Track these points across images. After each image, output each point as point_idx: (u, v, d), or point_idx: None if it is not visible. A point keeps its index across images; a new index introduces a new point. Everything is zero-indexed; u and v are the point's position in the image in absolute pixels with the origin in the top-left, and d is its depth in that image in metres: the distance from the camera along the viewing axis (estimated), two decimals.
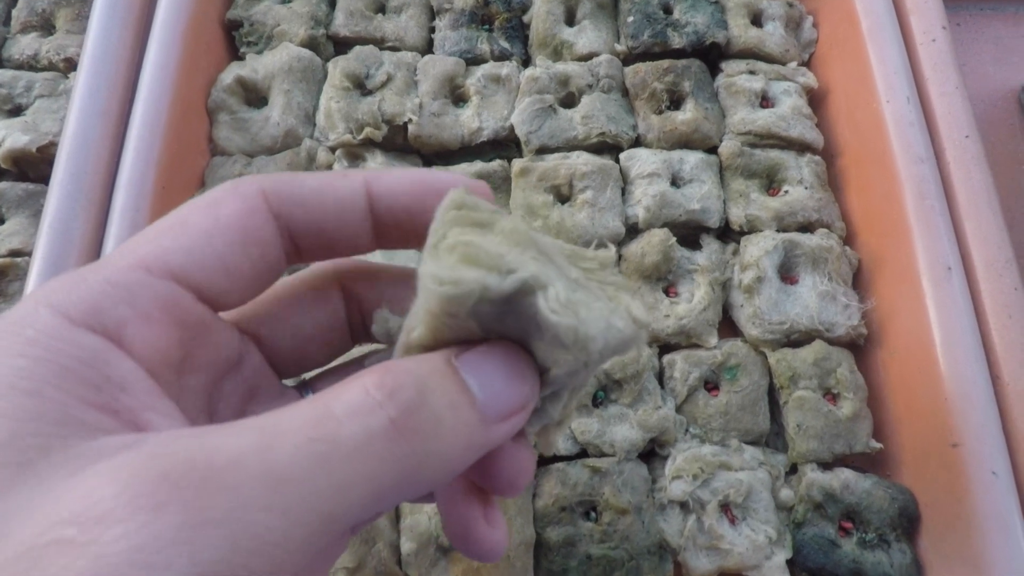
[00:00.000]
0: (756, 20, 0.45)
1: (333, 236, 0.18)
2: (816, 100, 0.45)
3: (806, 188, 0.41)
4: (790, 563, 0.33)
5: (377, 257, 0.32)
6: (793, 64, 0.45)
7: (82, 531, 0.11)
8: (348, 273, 0.21)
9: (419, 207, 0.18)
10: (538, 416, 0.17)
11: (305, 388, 0.21)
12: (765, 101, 0.43)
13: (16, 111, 0.41)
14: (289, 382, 0.21)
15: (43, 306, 0.14)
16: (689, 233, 0.40)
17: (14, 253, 0.37)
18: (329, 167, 0.40)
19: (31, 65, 0.42)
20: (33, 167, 0.39)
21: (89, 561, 0.10)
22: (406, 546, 0.32)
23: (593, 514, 0.34)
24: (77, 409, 0.13)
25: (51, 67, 0.42)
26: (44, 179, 0.39)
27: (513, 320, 0.16)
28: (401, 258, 0.37)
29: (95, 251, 0.35)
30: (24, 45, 0.43)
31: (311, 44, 0.42)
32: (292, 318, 0.20)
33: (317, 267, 0.21)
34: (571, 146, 0.41)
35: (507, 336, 0.16)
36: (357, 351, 0.22)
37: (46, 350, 0.13)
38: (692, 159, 0.41)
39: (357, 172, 0.18)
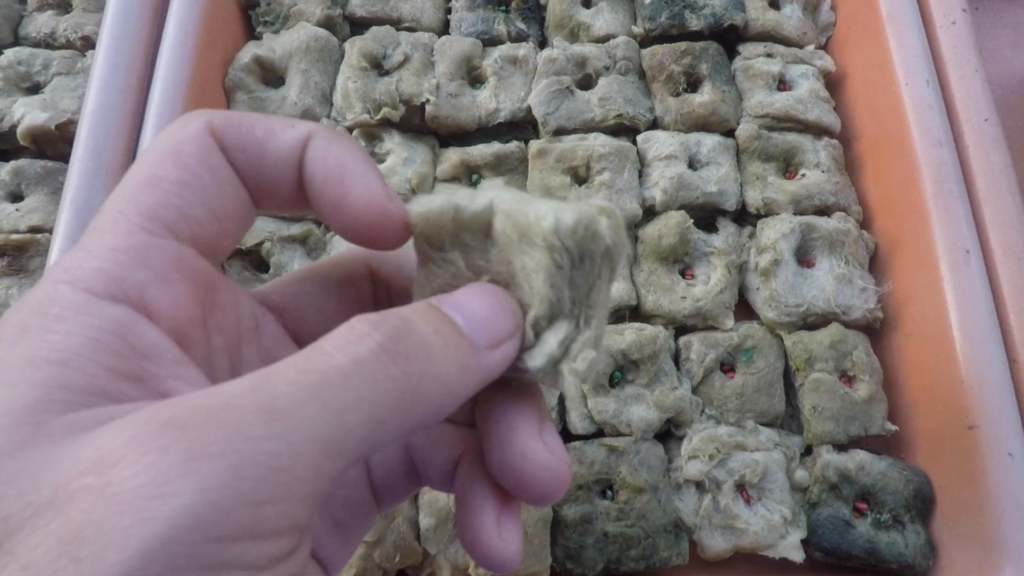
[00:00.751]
0: (774, 3, 0.45)
1: (270, 189, 0.17)
2: (833, 83, 0.45)
3: (823, 171, 0.41)
4: (805, 543, 0.34)
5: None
6: (811, 47, 0.44)
7: (98, 477, 0.12)
8: (380, 260, 0.21)
9: (338, 195, 0.17)
10: (540, 349, 0.17)
11: None
12: (782, 84, 0.43)
13: (34, 89, 0.41)
14: None
15: (62, 284, 0.14)
16: (706, 216, 0.40)
17: (34, 229, 0.37)
18: None
19: (48, 43, 0.42)
20: (51, 145, 0.40)
21: (107, 499, 0.11)
22: (425, 521, 0.32)
23: (610, 492, 0.34)
24: (102, 379, 0.13)
25: (68, 45, 0.42)
26: (62, 157, 0.39)
27: (496, 254, 0.17)
28: None
29: None
30: (41, 23, 0.43)
31: (328, 24, 0.42)
32: (318, 296, 0.20)
33: (350, 252, 0.21)
34: (588, 128, 0.41)
35: (496, 281, 0.17)
36: None
37: (73, 324, 0.14)
38: (709, 142, 0.40)
39: (303, 127, 0.17)
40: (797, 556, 0.33)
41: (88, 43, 0.42)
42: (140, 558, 0.11)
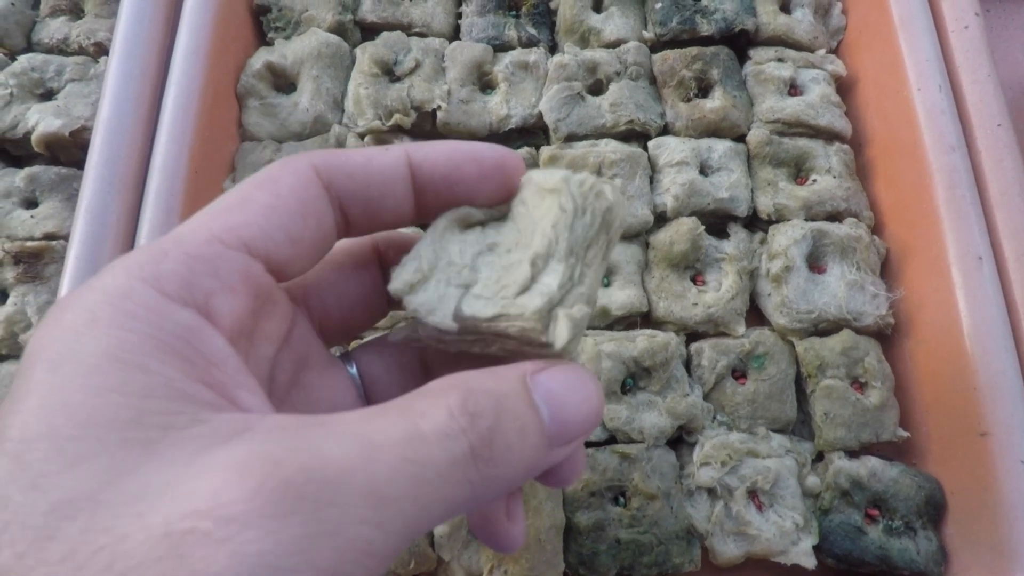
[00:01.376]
0: (785, 7, 0.45)
1: (378, 205, 0.19)
2: (845, 88, 0.45)
3: (834, 177, 0.41)
4: (816, 549, 0.34)
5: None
6: (822, 51, 0.44)
7: (217, 527, 0.11)
8: (383, 242, 0.22)
9: (456, 175, 0.19)
10: (538, 289, 0.18)
11: (348, 360, 0.22)
12: (793, 89, 0.43)
13: (47, 95, 0.41)
14: (333, 351, 0.22)
15: (137, 280, 0.14)
16: (717, 222, 0.40)
17: (49, 236, 0.37)
18: None
19: (61, 49, 0.42)
20: (65, 151, 0.40)
21: (227, 557, 0.11)
22: (439, 529, 0.32)
23: (622, 499, 0.34)
24: (181, 383, 0.14)
25: (81, 51, 0.42)
26: (76, 163, 0.40)
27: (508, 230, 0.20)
28: None
29: (130, 234, 0.35)
30: (54, 29, 0.43)
31: (339, 29, 0.42)
32: (338, 286, 0.21)
33: (356, 239, 0.22)
34: (599, 134, 0.41)
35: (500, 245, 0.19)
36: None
37: (147, 324, 0.14)
38: (720, 147, 0.40)
39: (398, 145, 0.19)
40: (809, 562, 0.33)
41: (101, 49, 0.42)
42: None
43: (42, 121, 0.39)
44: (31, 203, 0.39)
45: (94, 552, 0.11)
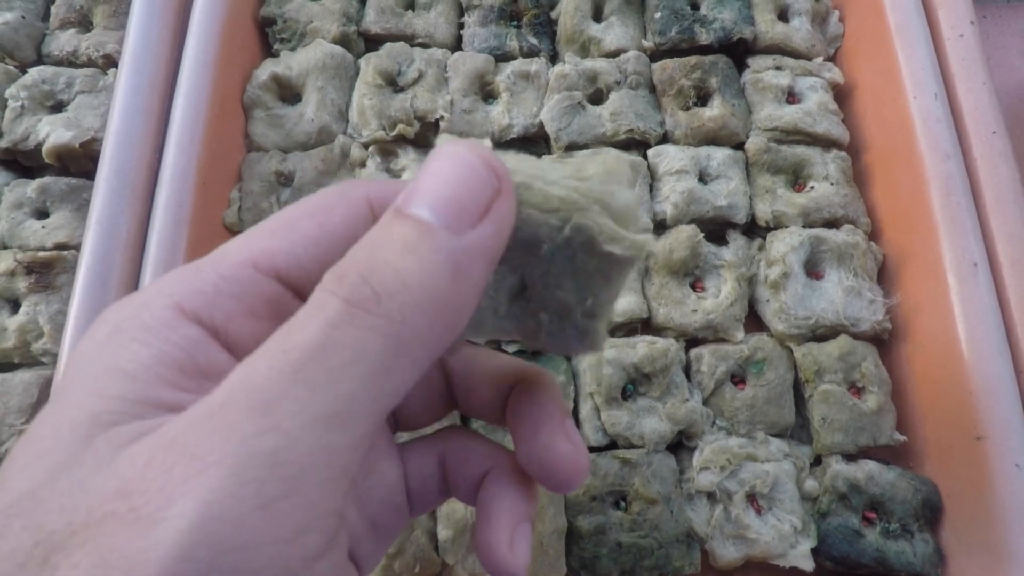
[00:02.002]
0: (782, 15, 0.46)
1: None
2: (842, 95, 0.45)
3: (832, 184, 0.41)
4: (815, 552, 0.34)
5: None
6: (819, 59, 0.45)
7: (122, 502, 0.12)
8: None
9: None
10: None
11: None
12: (791, 97, 0.44)
13: (58, 107, 0.42)
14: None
15: (162, 295, 0.15)
16: (716, 229, 0.41)
17: (60, 246, 0.38)
18: (363, 164, 0.41)
19: (71, 61, 0.43)
20: (75, 162, 0.41)
21: (127, 526, 0.12)
22: (443, 533, 0.33)
23: (623, 503, 0.35)
24: (163, 391, 0.14)
25: (90, 63, 0.43)
26: (86, 174, 0.40)
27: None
28: None
29: (139, 244, 0.36)
30: (64, 41, 0.44)
31: (343, 41, 0.43)
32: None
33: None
34: (600, 142, 0.41)
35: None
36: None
37: (154, 336, 0.15)
38: (719, 155, 0.41)
39: None
40: (807, 565, 0.34)
41: (110, 61, 0.43)
42: None
43: (53, 133, 0.40)
44: (42, 213, 0.40)
45: (31, 547, 0.12)
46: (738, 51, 0.44)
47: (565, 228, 0.16)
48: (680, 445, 0.37)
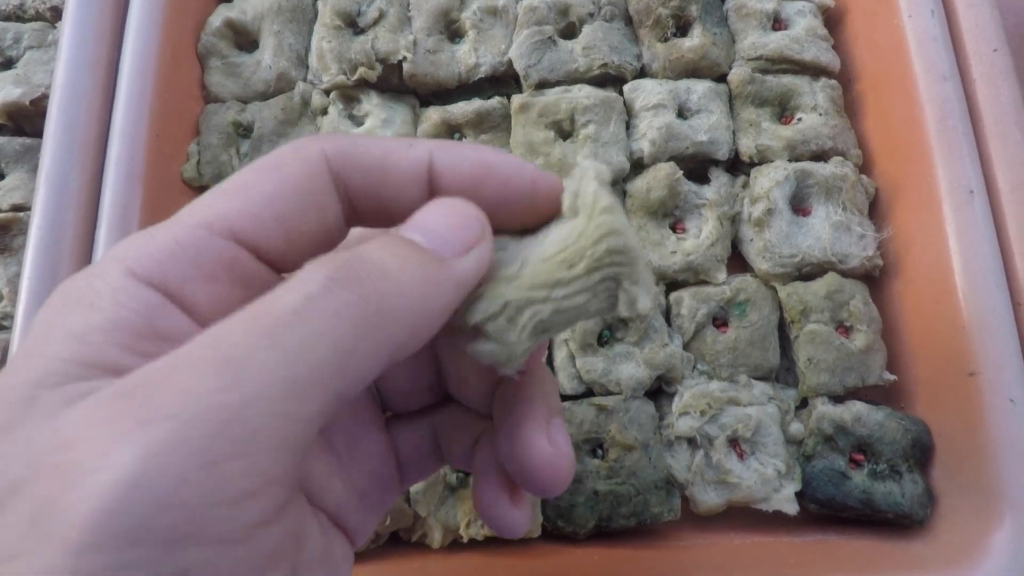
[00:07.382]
0: None
1: (391, 204, 0.18)
2: (832, 20, 0.42)
3: (820, 115, 0.39)
4: (799, 496, 0.33)
5: None
6: None
7: (62, 455, 0.12)
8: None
9: (477, 190, 0.18)
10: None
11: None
12: (778, 23, 0.41)
13: (7, 64, 0.40)
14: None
15: (115, 261, 0.15)
16: (697, 166, 0.39)
17: (16, 208, 0.37)
18: (324, 110, 0.39)
19: (18, 16, 0.41)
20: (28, 121, 0.39)
21: (63, 477, 0.12)
22: (414, 486, 0.32)
23: (600, 451, 0.34)
24: (114, 354, 0.14)
25: (38, 17, 0.41)
26: (41, 132, 0.39)
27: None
28: None
29: (93, 202, 0.34)
30: None
31: None
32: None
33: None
34: (572, 79, 0.39)
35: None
36: None
37: (108, 302, 0.14)
38: (700, 88, 0.39)
39: (422, 144, 0.18)
40: (791, 509, 0.33)
41: (58, 14, 0.41)
42: (93, 533, 0.11)
43: (2, 91, 0.38)
44: None
45: None
46: None
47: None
48: (660, 392, 0.35)
